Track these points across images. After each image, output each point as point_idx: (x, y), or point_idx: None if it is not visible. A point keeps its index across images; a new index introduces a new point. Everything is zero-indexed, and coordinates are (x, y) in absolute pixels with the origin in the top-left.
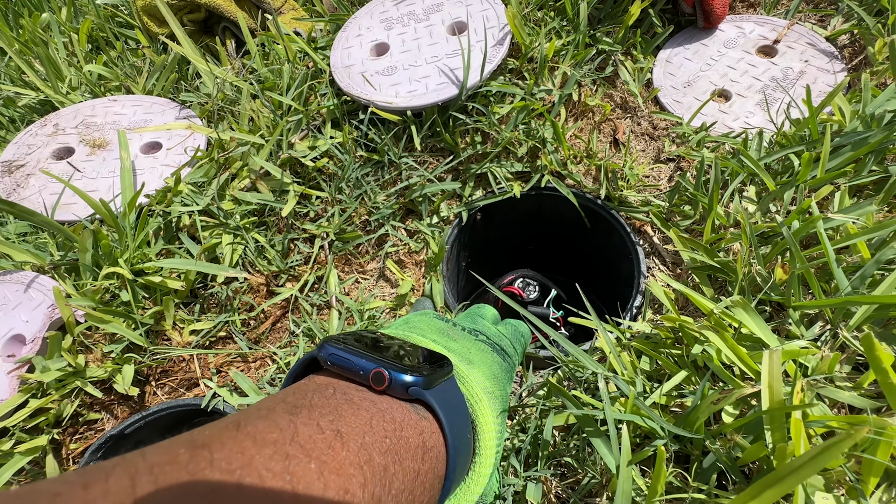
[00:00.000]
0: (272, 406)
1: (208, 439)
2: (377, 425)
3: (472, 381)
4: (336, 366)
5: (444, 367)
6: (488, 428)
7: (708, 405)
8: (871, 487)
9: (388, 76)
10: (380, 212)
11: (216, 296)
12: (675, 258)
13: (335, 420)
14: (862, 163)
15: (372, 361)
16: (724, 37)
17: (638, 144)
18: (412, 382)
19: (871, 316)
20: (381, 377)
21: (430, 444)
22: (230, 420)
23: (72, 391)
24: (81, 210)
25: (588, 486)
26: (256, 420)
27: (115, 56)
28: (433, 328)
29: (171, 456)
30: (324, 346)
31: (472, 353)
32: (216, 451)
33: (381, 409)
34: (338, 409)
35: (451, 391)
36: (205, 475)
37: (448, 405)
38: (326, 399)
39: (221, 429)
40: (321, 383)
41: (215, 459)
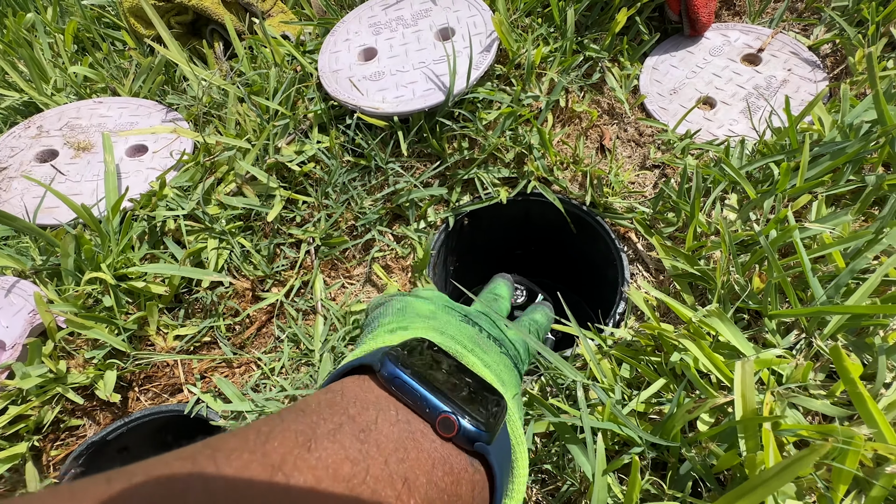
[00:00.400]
0: (338, 421)
1: (282, 458)
2: (437, 476)
3: (516, 419)
4: (401, 391)
5: (503, 412)
6: (523, 472)
7: (683, 414)
8: (840, 495)
9: (375, 81)
10: (366, 217)
11: (201, 301)
12: (659, 265)
13: (402, 461)
14: (840, 172)
15: (441, 402)
16: (710, 44)
17: (624, 151)
18: (477, 436)
19: (845, 325)
20: (450, 425)
21: (479, 500)
22: (298, 429)
23: (52, 397)
24: (64, 214)
25: (567, 494)
26: (325, 440)
27: (101, 57)
28: (466, 335)
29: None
30: (385, 362)
31: (502, 370)
32: (292, 478)
33: (443, 457)
34: (403, 444)
35: (504, 441)
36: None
37: (502, 459)
38: (391, 426)
39: (293, 445)
40: (381, 398)
41: (292, 489)
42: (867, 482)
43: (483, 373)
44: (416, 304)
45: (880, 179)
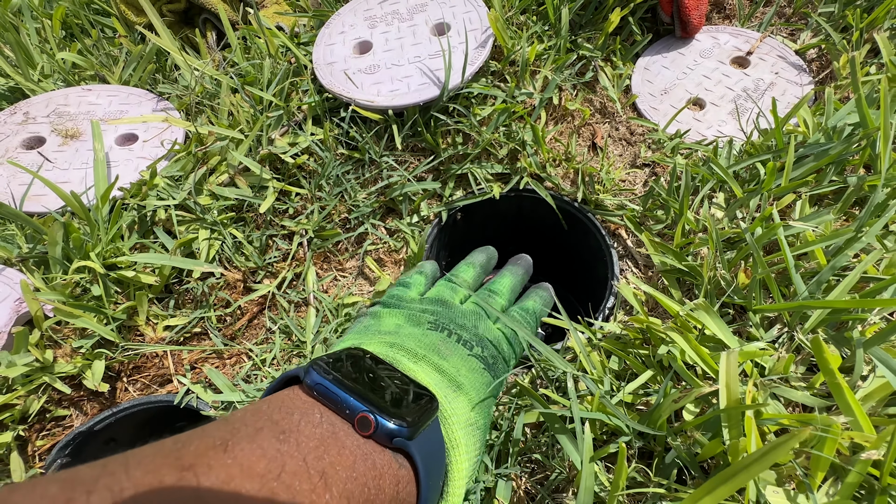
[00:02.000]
0: (259, 425)
1: (194, 459)
2: (360, 470)
3: (453, 422)
4: (322, 397)
5: (429, 411)
6: (460, 475)
7: (669, 403)
8: (818, 481)
9: (370, 74)
10: (360, 210)
11: (191, 291)
12: (647, 261)
13: (321, 458)
14: (823, 173)
15: (360, 401)
16: (701, 46)
17: (615, 149)
18: (396, 432)
19: (826, 319)
20: (366, 423)
21: (403, 495)
22: (217, 435)
23: (39, 387)
24: (52, 202)
25: (556, 482)
26: (244, 441)
27: (91, 44)
28: (424, 343)
29: (157, 477)
30: (310, 371)
31: (462, 374)
32: (202, 476)
33: (365, 453)
34: (324, 442)
35: (432, 438)
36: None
37: (427, 456)
38: (313, 427)
39: (208, 447)
40: (306, 403)
41: (202, 488)
42: (843, 469)
43: (420, 376)
44: (385, 319)
45: (861, 180)
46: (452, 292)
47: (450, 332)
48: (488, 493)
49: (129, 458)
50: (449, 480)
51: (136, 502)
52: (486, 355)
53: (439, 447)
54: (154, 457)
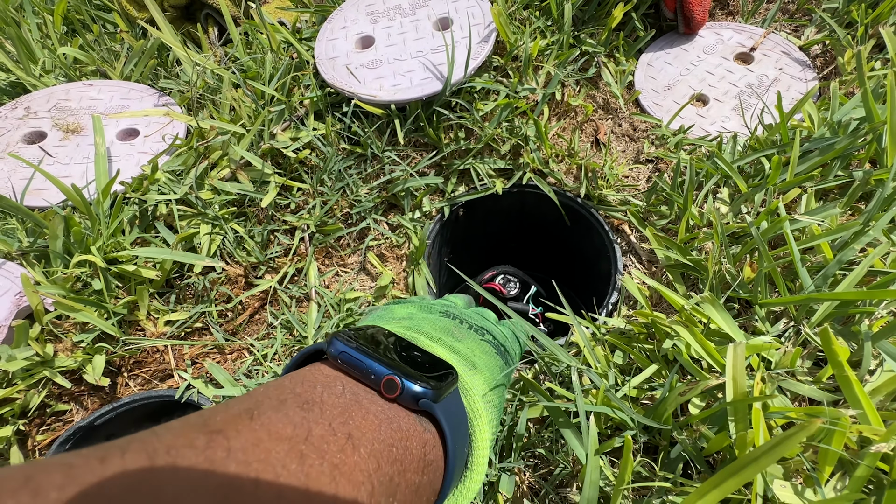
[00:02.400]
0: (283, 397)
1: (222, 425)
2: (385, 433)
3: (474, 393)
4: (347, 364)
5: (450, 379)
6: (483, 444)
7: (675, 397)
8: (825, 475)
9: (372, 69)
10: (361, 205)
11: (193, 286)
12: (651, 256)
13: (346, 422)
14: (828, 167)
15: (385, 366)
16: (704, 43)
17: (618, 145)
18: (422, 394)
19: (832, 313)
20: (393, 385)
21: (430, 457)
22: (242, 406)
23: (39, 381)
24: (53, 196)
25: (560, 477)
26: (269, 411)
27: (92, 39)
28: (438, 327)
29: (188, 439)
30: (334, 341)
31: (477, 355)
32: (232, 440)
33: (389, 417)
34: (348, 410)
35: (456, 405)
36: (223, 464)
37: (452, 421)
38: (336, 397)
39: (235, 416)
40: (329, 377)
41: (232, 449)
42: (852, 463)
43: (438, 351)
44: (396, 310)
45: (867, 175)
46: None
47: (461, 320)
48: (492, 488)
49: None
50: (473, 450)
51: (171, 457)
52: (498, 342)
53: (462, 414)
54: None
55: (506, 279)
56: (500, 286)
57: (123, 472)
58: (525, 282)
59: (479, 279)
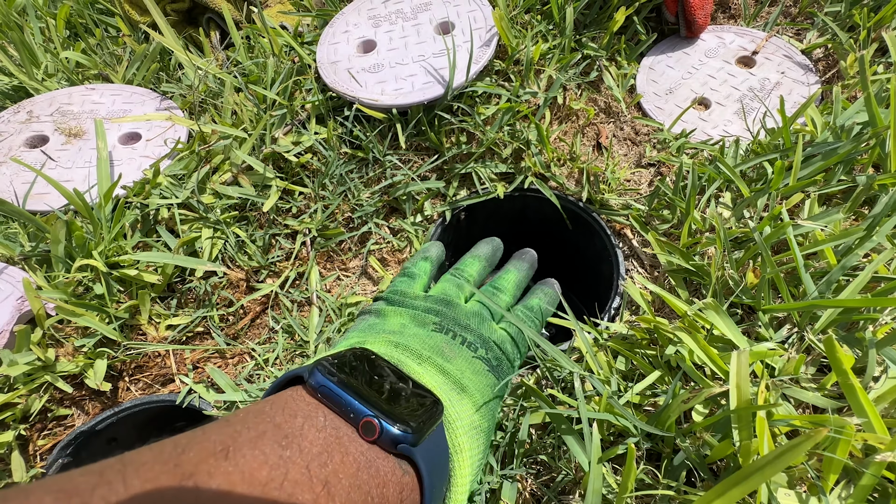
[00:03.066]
0: (262, 429)
1: (194, 466)
2: (363, 478)
3: (457, 427)
4: (327, 399)
5: (434, 416)
6: (463, 481)
7: (679, 404)
8: (830, 484)
9: (374, 73)
10: (363, 209)
11: (194, 290)
12: (653, 261)
13: (324, 465)
14: (831, 172)
15: (364, 405)
16: (706, 46)
17: (620, 149)
18: (401, 438)
19: (836, 320)
20: (371, 428)
21: (407, 502)
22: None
23: (40, 386)
24: (55, 200)
25: (562, 484)
26: (245, 447)
27: (94, 43)
28: (428, 345)
29: (155, 485)
30: (315, 372)
31: (467, 376)
32: (202, 485)
33: (368, 460)
34: (328, 448)
35: (437, 443)
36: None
37: (431, 463)
38: (317, 431)
39: (209, 453)
40: (311, 405)
41: (202, 498)
42: (857, 471)
43: (425, 379)
44: (390, 319)
45: (871, 179)
46: (458, 289)
47: (454, 334)
48: (493, 495)
49: (126, 464)
50: (451, 486)
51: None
52: (491, 357)
53: (443, 452)
54: (153, 463)
55: None
56: None
57: None
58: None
59: None
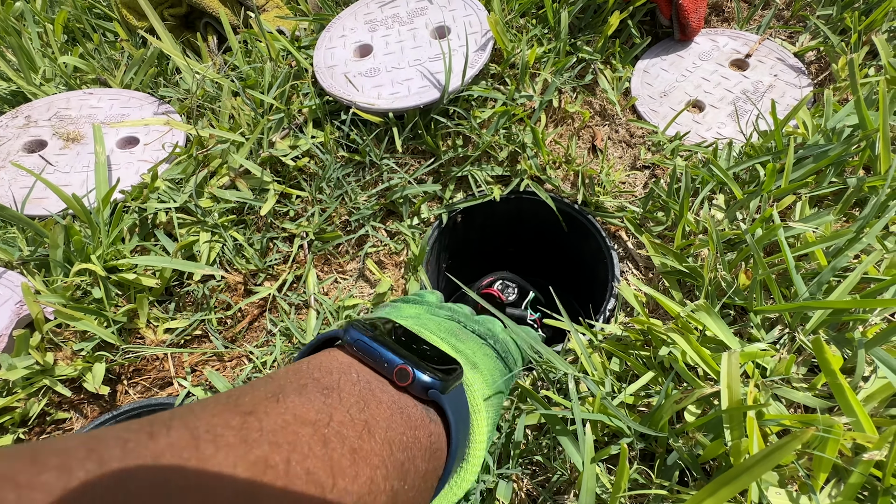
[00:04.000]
0: (303, 382)
1: (252, 406)
2: (397, 422)
3: (475, 389)
4: (362, 352)
5: (456, 373)
6: (481, 439)
7: (671, 405)
8: (820, 483)
9: (370, 78)
10: (360, 212)
11: (192, 294)
12: (647, 263)
13: (362, 410)
14: (823, 174)
15: (397, 356)
16: (699, 49)
17: (615, 151)
18: (431, 384)
19: (826, 320)
20: (405, 374)
21: (436, 446)
22: (267, 389)
23: (39, 389)
24: (53, 205)
25: (557, 484)
26: (293, 394)
27: (92, 48)
28: (443, 328)
29: (224, 419)
30: (350, 329)
31: (478, 357)
32: (264, 421)
33: (401, 407)
34: (363, 397)
35: (460, 398)
36: (258, 443)
37: (457, 413)
38: (352, 385)
39: (262, 398)
40: (344, 364)
41: (264, 430)
42: (846, 470)
43: (444, 347)
44: (405, 308)
45: (861, 181)
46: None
47: (465, 325)
48: (490, 494)
49: (191, 406)
50: (470, 443)
51: (211, 435)
52: (499, 348)
53: (465, 406)
54: (215, 404)
55: (504, 285)
56: (499, 292)
57: (171, 448)
58: (523, 287)
59: (478, 285)
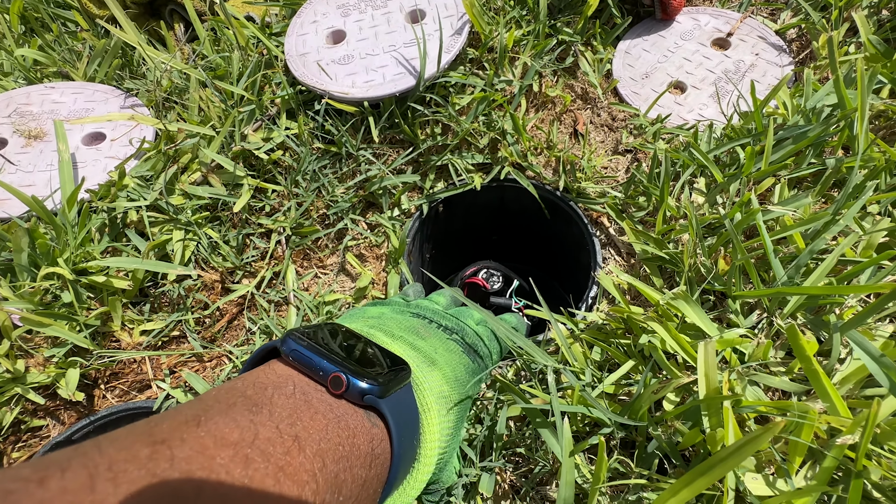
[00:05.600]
0: (232, 401)
1: (168, 434)
2: (332, 432)
3: (425, 389)
4: (297, 362)
5: (401, 374)
6: (432, 438)
7: (650, 394)
8: (796, 466)
9: (344, 65)
10: (338, 205)
11: (167, 294)
12: (630, 249)
13: (294, 424)
14: (802, 156)
15: (332, 363)
16: (681, 28)
17: (597, 136)
18: (367, 390)
19: (804, 304)
20: (339, 382)
21: (378, 451)
22: (189, 413)
23: (11, 398)
24: (15, 207)
25: (540, 475)
26: (217, 415)
27: (52, 39)
28: (404, 326)
29: (130, 453)
30: (286, 339)
31: (439, 353)
32: (176, 449)
33: (337, 416)
34: (297, 410)
35: (405, 400)
36: (165, 475)
37: (399, 415)
38: (286, 398)
39: (181, 423)
40: (281, 377)
41: (175, 459)
42: (821, 453)
43: (394, 348)
44: (370, 310)
45: (839, 162)
46: (433, 303)
47: (430, 320)
48: (473, 487)
49: (101, 440)
50: (422, 442)
51: (112, 473)
52: (468, 342)
53: (411, 408)
54: (127, 436)
55: (488, 273)
56: (483, 281)
57: (63, 494)
58: (508, 276)
59: (462, 274)
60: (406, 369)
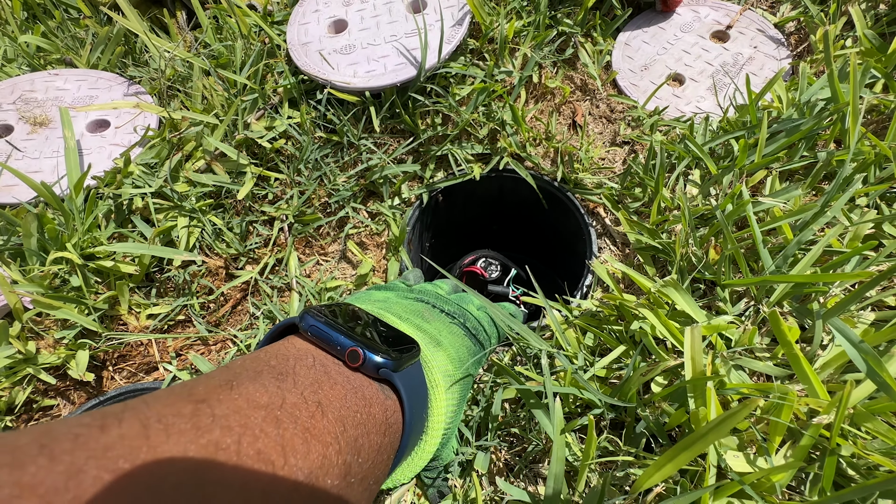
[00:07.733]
0: (259, 369)
1: (205, 395)
2: (350, 400)
3: (433, 366)
4: (315, 337)
5: (412, 352)
6: (439, 412)
7: (638, 377)
8: (775, 445)
9: (346, 55)
10: (339, 193)
11: (173, 279)
12: (625, 239)
13: (316, 391)
14: (795, 148)
15: (349, 339)
16: (681, 21)
17: (596, 127)
18: (382, 364)
19: (790, 293)
20: (356, 355)
21: (391, 420)
22: (221, 378)
23: (23, 378)
24: (23, 192)
25: (533, 453)
26: (246, 381)
27: (55, 26)
28: (409, 310)
29: (176, 408)
30: (305, 316)
31: (443, 335)
32: (215, 407)
33: (354, 387)
34: (318, 380)
35: (415, 375)
36: (209, 429)
37: (410, 388)
38: (307, 369)
39: (216, 386)
40: (301, 350)
41: (216, 416)
42: (799, 433)
43: (403, 327)
44: (375, 294)
45: (830, 155)
46: (437, 287)
47: (434, 305)
48: (469, 465)
49: (147, 398)
50: (429, 416)
51: (162, 425)
52: (469, 326)
53: (421, 382)
54: (168, 395)
55: (487, 262)
56: (482, 269)
57: (122, 440)
58: (505, 265)
59: (461, 263)
60: (416, 347)
